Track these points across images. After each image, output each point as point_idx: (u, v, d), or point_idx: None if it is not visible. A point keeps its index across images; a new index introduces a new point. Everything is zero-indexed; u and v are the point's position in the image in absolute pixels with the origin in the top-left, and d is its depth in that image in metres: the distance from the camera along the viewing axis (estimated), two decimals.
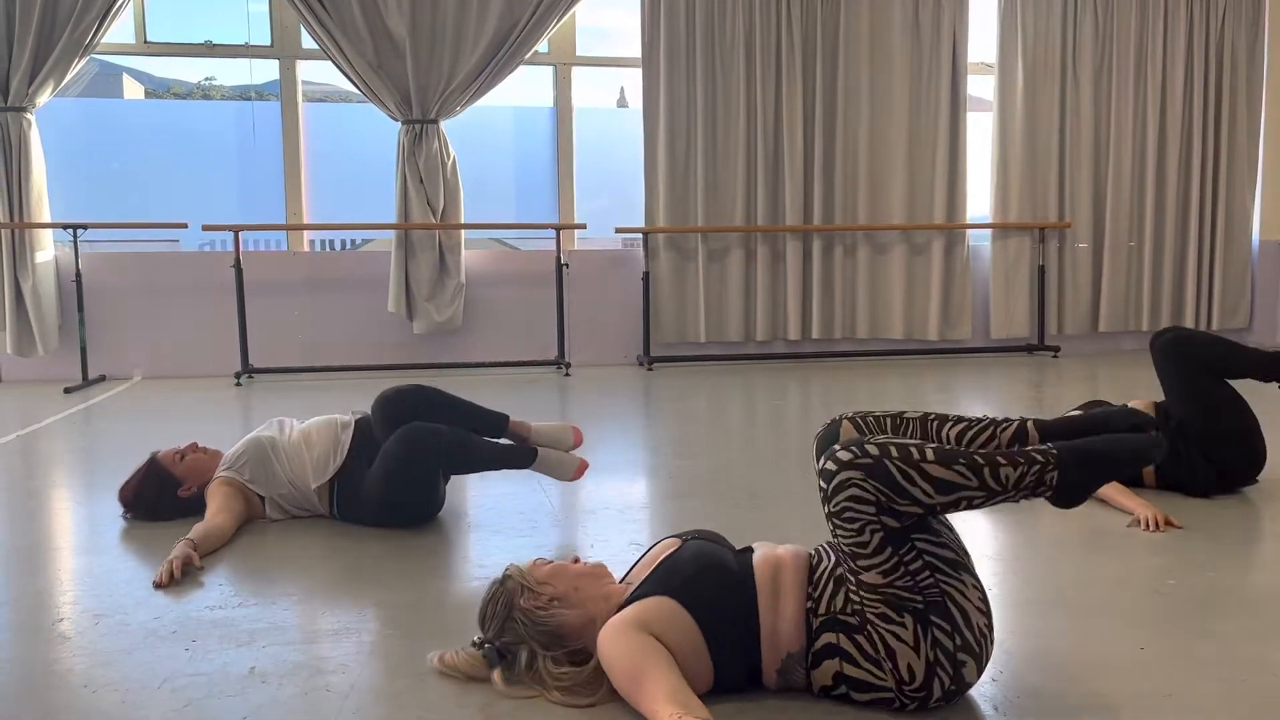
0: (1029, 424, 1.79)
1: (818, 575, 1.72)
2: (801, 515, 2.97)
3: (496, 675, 1.79)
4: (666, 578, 1.73)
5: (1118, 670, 1.87)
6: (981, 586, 1.67)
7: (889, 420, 1.83)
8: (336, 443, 2.94)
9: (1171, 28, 7.13)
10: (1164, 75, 7.14)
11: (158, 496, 2.96)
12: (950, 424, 1.81)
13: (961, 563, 1.65)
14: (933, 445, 1.60)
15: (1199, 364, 3.06)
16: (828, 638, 1.68)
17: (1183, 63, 7.14)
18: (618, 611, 1.74)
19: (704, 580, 1.71)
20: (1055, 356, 6.94)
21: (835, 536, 1.65)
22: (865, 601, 1.63)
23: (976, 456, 1.59)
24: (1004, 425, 1.79)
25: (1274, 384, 3.06)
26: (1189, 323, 7.27)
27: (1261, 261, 7.47)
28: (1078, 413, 2.16)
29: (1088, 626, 2.09)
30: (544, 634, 1.77)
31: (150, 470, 2.99)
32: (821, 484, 1.63)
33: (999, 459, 1.59)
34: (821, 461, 1.64)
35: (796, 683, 1.73)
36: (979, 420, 1.81)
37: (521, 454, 2.94)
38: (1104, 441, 1.65)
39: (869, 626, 1.64)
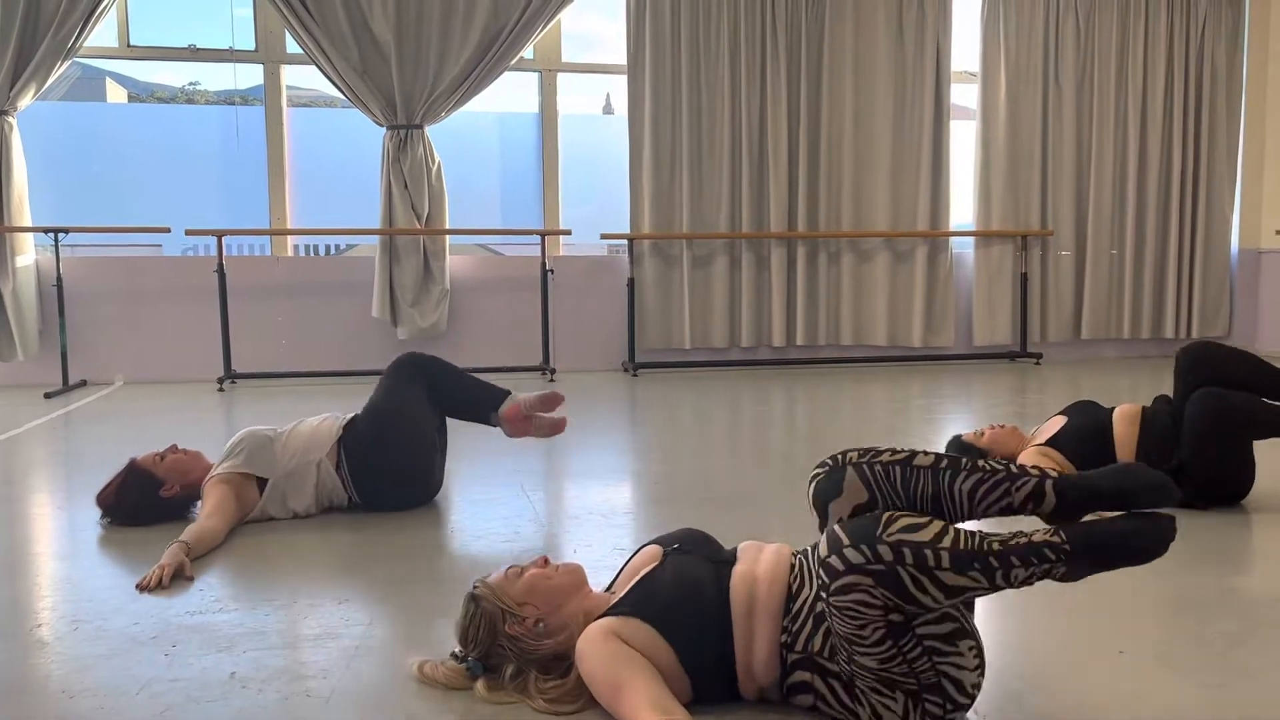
0: (1047, 486, 1.61)
1: (797, 607, 1.66)
2: (784, 521, 2.98)
3: (480, 685, 1.79)
4: (645, 601, 1.72)
5: (1097, 673, 1.88)
6: (979, 641, 1.61)
7: (898, 471, 1.60)
8: (332, 429, 3.06)
9: (1152, 38, 7.20)
10: (1145, 85, 7.21)
11: (139, 500, 2.94)
12: (963, 477, 1.60)
13: (960, 628, 1.57)
14: (947, 544, 1.48)
15: (1237, 423, 2.94)
16: (801, 675, 1.65)
17: (1163, 73, 7.21)
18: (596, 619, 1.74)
19: (680, 611, 1.69)
20: (1038, 363, 6.98)
21: (830, 619, 1.57)
22: (856, 672, 1.59)
23: (991, 559, 1.48)
24: (1020, 482, 1.60)
25: None
26: (1168, 331, 7.33)
27: (1240, 269, 7.54)
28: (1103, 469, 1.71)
29: (1066, 629, 2.10)
30: (534, 662, 1.77)
31: (130, 474, 2.97)
32: (823, 575, 1.53)
33: (1013, 559, 1.49)
34: (825, 551, 1.52)
35: (775, 700, 1.74)
36: (993, 473, 1.61)
37: (494, 394, 3.26)
38: (1119, 533, 1.52)
39: (857, 687, 1.60)
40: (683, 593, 1.71)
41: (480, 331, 6.66)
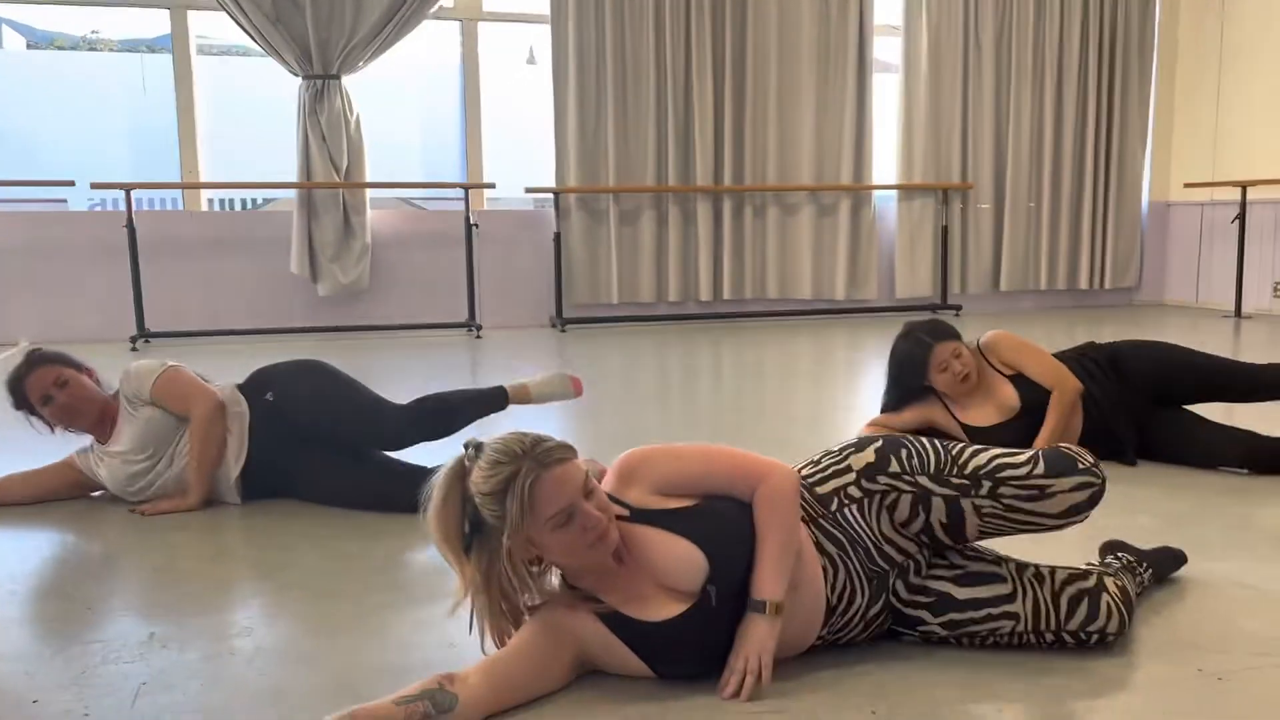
0: None
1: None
2: None
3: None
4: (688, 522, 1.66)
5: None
6: None
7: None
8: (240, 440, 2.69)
9: None
10: (1061, 41, 7.32)
11: (21, 407, 2.71)
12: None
13: None
14: None
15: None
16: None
17: (1078, 30, 7.33)
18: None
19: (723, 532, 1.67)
20: (958, 315, 7.12)
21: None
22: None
23: None
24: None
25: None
26: (1082, 283, 7.54)
27: (1151, 222, 7.76)
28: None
29: None
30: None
31: (14, 390, 2.68)
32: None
33: None
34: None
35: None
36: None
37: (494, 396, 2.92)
38: None
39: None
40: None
41: (403, 287, 6.55)
